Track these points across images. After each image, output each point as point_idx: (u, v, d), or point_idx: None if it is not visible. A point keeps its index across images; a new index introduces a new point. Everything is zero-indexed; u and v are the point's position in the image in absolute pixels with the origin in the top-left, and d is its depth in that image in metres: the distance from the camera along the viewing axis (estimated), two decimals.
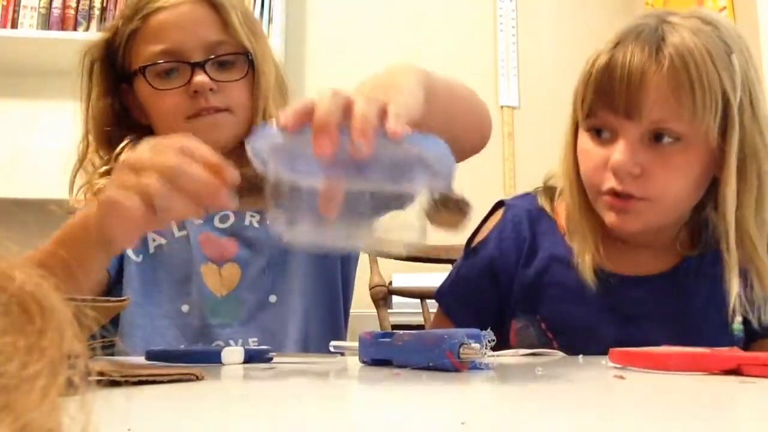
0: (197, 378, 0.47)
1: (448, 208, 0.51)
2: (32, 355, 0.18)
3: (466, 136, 0.76)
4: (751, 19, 1.88)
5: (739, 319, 0.82)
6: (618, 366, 0.58)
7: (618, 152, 0.76)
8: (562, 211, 0.91)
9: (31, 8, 2.17)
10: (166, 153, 0.54)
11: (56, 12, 2.18)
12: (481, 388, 0.46)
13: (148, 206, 0.53)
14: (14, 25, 2.15)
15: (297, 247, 0.84)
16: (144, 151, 0.56)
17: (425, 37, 2.47)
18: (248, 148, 0.52)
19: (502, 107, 2.44)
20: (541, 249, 0.89)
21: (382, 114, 0.48)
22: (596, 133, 0.80)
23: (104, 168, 0.91)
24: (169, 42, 0.87)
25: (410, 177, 0.51)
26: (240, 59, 0.90)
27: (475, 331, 0.53)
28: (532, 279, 0.88)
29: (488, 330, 0.54)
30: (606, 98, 0.77)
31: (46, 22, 2.17)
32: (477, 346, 0.52)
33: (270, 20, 2.26)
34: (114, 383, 0.39)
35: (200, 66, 0.87)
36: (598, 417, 0.33)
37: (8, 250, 0.20)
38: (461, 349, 0.52)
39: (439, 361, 0.52)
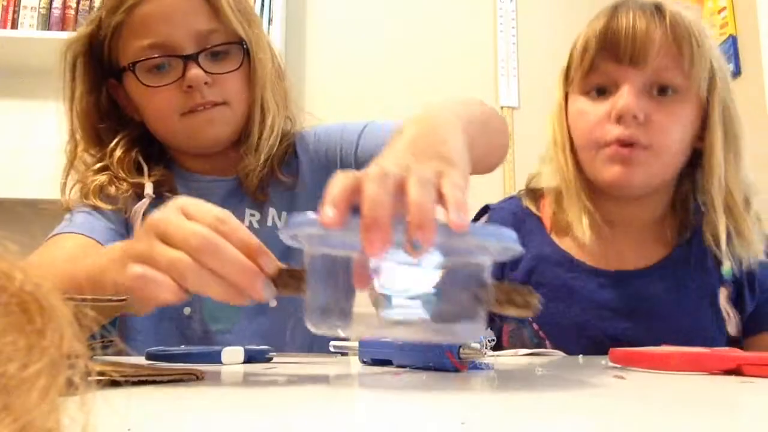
0: (197, 378, 0.47)
1: (515, 304, 0.44)
2: (32, 355, 0.18)
3: (491, 163, 0.76)
4: (751, 19, 1.88)
5: (728, 264, 0.86)
6: (618, 366, 0.58)
7: (624, 97, 0.81)
8: (547, 210, 0.92)
9: (31, 8, 2.17)
10: (200, 225, 0.47)
11: (56, 12, 2.18)
12: (481, 388, 0.46)
13: (180, 285, 0.48)
14: (14, 26, 2.15)
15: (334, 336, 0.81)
16: (173, 213, 0.49)
17: (425, 37, 2.47)
18: (283, 236, 0.46)
19: (502, 107, 2.44)
20: (527, 250, 0.90)
21: (438, 195, 0.41)
22: (595, 93, 0.85)
23: (98, 165, 0.88)
24: (158, 35, 0.82)
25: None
26: (234, 48, 0.86)
27: None
28: (519, 281, 0.88)
29: (488, 330, 0.54)
30: (611, 48, 0.83)
31: (46, 23, 2.17)
32: (477, 346, 0.52)
33: (270, 20, 2.26)
34: (114, 383, 0.39)
35: (193, 59, 0.82)
36: (598, 417, 0.33)
37: (8, 250, 0.20)
38: (461, 349, 0.52)
39: (439, 361, 0.52)
